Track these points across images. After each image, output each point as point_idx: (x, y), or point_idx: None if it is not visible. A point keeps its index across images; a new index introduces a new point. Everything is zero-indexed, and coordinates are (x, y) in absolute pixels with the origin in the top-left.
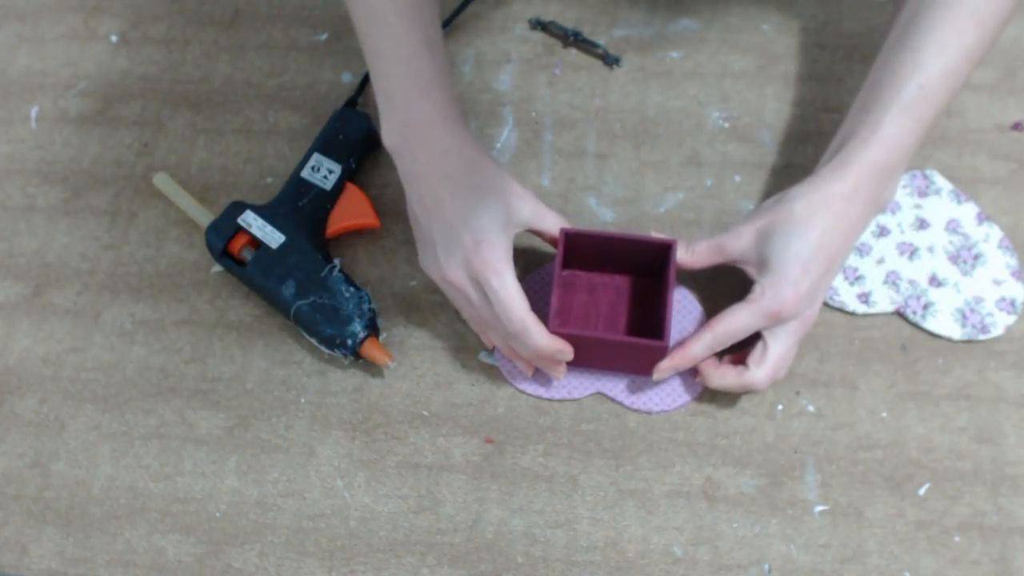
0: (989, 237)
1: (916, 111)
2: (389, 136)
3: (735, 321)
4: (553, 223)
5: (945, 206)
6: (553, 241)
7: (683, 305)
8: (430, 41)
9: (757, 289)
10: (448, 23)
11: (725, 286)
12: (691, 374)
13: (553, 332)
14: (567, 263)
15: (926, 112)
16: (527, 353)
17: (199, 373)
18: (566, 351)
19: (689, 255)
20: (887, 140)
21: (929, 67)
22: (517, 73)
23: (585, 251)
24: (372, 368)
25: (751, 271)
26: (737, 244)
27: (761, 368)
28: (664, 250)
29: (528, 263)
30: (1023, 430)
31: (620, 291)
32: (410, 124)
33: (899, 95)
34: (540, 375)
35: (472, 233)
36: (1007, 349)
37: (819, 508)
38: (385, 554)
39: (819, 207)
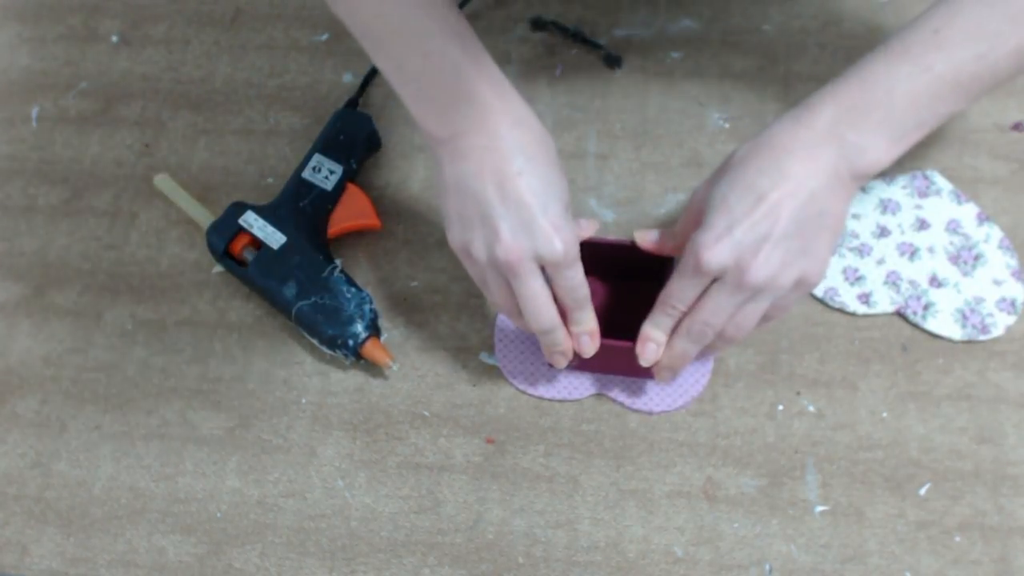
0: (989, 237)
1: (922, 55)
2: (440, 123)
3: (668, 288)
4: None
5: (945, 206)
6: None
7: None
8: (459, 19)
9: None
10: None
11: None
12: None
13: None
14: None
15: (936, 59)
16: (564, 342)
17: (200, 373)
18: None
19: (670, 237)
20: (868, 77)
21: (943, 12)
22: (517, 74)
23: (583, 257)
24: (373, 369)
25: None
26: (695, 200)
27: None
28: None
29: None
30: (1023, 430)
31: (619, 296)
32: (477, 97)
33: (901, 36)
34: (540, 375)
35: (549, 218)
36: (1007, 349)
37: (820, 508)
38: (386, 554)
39: (760, 147)
